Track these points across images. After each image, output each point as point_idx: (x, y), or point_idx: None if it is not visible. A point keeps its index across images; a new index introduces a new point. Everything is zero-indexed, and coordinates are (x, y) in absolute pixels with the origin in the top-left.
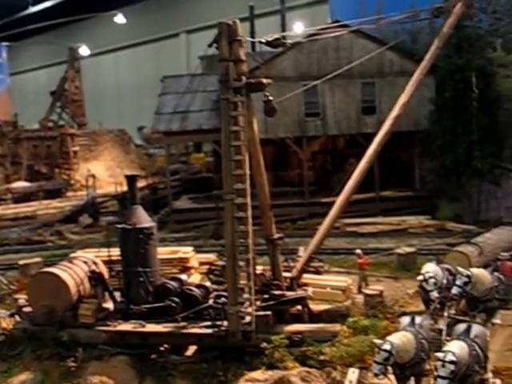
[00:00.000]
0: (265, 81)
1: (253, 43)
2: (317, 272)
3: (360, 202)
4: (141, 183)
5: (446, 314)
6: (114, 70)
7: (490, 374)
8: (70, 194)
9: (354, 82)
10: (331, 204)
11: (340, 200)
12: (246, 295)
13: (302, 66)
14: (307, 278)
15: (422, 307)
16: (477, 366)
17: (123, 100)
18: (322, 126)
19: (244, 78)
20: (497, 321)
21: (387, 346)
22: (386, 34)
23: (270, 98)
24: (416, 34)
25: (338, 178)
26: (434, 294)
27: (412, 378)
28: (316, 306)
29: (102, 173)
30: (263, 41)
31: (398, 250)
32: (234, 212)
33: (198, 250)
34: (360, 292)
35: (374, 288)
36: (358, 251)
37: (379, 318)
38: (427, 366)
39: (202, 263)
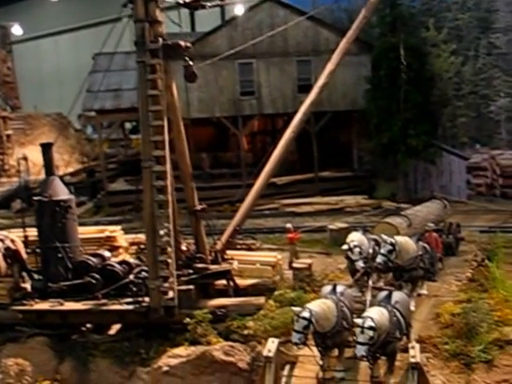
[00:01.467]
0: (183, 43)
1: (193, 23)
2: (249, 249)
3: (299, 183)
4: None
5: (370, 283)
6: (55, 55)
7: (413, 343)
8: (4, 179)
9: (289, 60)
10: (270, 185)
11: (266, 171)
12: (167, 270)
13: (236, 44)
14: (237, 254)
15: (351, 281)
16: (398, 333)
17: (64, 85)
18: (258, 105)
19: (161, 39)
20: (423, 291)
21: (306, 314)
22: (323, 12)
23: (190, 62)
24: (352, 12)
25: None
26: (360, 264)
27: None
28: (242, 281)
29: (40, 158)
30: (181, 2)
31: (331, 226)
32: (152, 181)
33: (134, 231)
34: (291, 267)
35: (302, 262)
36: (289, 225)
37: (306, 291)
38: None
39: (132, 243)
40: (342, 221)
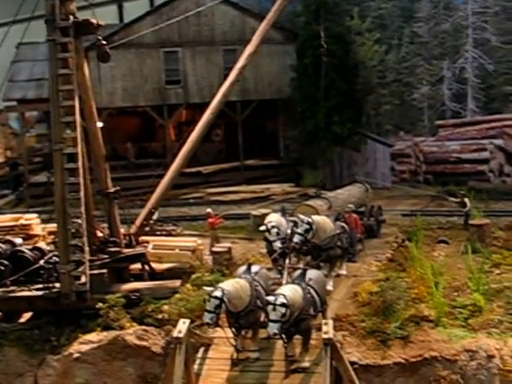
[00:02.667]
0: (94, 21)
1: (121, 16)
2: (169, 235)
3: (224, 172)
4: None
5: (287, 263)
6: None
7: (330, 321)
8: None
9: (216, 48)
10: (196, 174)
11: (183, 151)
12: (79, 254)
13: (162, 32)
14: (156, 240)
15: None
16: (312, 310)
17: None
18: (184, 95)
19: (72, 17)
20: (342, 271)
21: (218, 293)
22: (249, 1)
23: (103, 42)
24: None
25: (204, 149)
26: (277, 244)
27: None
28: (159, 265)
29: None
30: None
31: (254, 212)
32: (63, 163)
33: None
34: (211, 252)
35: (221, 245)
36: (209, 210)
37: (225, 274)
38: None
39: (51, 233)
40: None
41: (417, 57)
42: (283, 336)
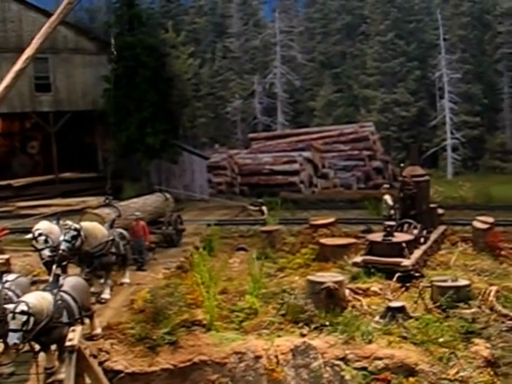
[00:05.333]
0: None
1: None
2: None
3: (40, 185)
4: None
5: (54, 271)
6: None
7: (99, 330)
8: None
9: None
10: (6, 187)
11: None
12: None
13: None
14: None
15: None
16: (66, 318)
17: None
18: None
19: None
20: (125, 280)
21: (23, 307)
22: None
23: None
24: (94, 12)
25: (20, 162)
26: (46, 253)
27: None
28: None
29: None
30: None
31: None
32: None
33: None
34: None
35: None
36: None
37: None
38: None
39: None
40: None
41: (229, 71)
42: (36, 347)
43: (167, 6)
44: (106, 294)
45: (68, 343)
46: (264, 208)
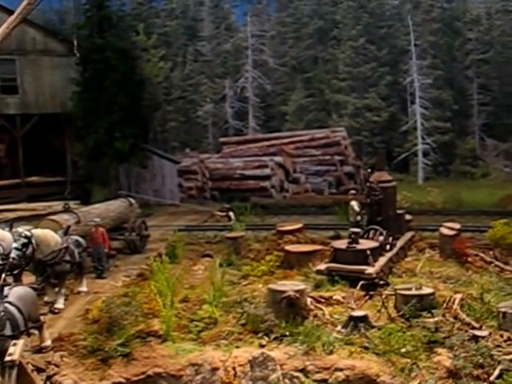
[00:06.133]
0: None
1: None
2: None
3: (4, 189)
4: None
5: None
6: None
7: (48, 342)
8: None
9: None
10: None
11: None
12: None
13: None
14: None
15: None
16: (9, 330)
17: None
18: None
19: None
20: (82, 288)
21: None
22: (33, 12)
23: None
24: (64, 14)
25: None
26: None
27: None
28: None
29: None
30: None
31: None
32: None
33: None
34: None
35: None
36: None
37: None
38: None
39: None
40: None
41: (201, 75)
42: None
43: (138, 8)
44: (59, 304)
45: (7, 358)
46: (231, 213)
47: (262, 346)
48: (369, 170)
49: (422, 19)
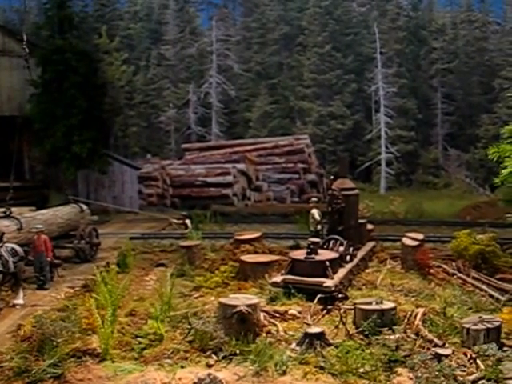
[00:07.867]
0: None
1: None
2: None
3: None
4: None
5: None
6: None
7: None
8: None
9: None
10: None
11: None
12: None
13: None
14: None
15: None
16: None
17: None
18: None
19: None
20: (18, 301)
21: None
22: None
23: None
24: (24, 14)
25: None
26: None
27: None
28: None
29: None
30: None
31: None
32: None
33: None
34: None
35: None
36: None
37: None
38: None
39: None
40: None
41: (164, 79)
42: None
43: (101, 9)
44: None
45: None
46: (188, 221)
47: (209, 366)
48: (331, 177)
49: (388, 27)
